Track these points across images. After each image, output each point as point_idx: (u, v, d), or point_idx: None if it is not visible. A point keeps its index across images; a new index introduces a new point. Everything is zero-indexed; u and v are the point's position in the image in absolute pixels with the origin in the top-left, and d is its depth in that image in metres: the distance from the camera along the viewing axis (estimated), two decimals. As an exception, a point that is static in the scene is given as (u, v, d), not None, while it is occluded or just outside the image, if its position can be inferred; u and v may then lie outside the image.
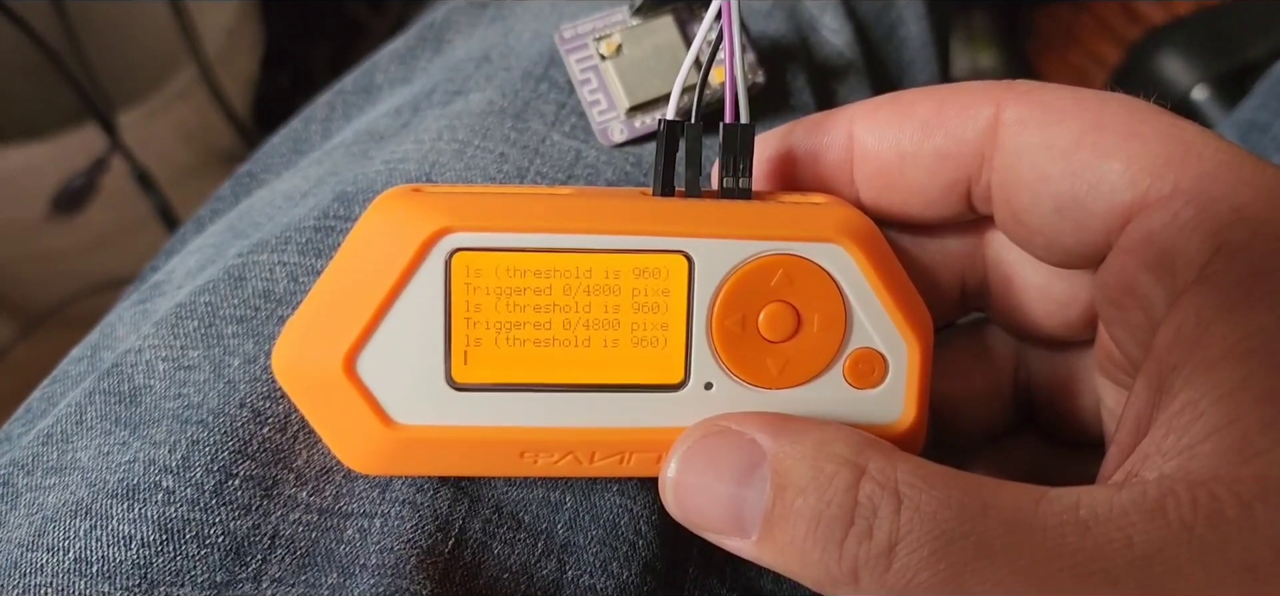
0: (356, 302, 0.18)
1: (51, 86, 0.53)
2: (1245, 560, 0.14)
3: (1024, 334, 0.23)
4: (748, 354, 0.19)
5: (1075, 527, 0.14)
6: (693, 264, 0.18)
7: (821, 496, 0.16)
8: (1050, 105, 0.18)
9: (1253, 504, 0.14)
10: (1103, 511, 0.14)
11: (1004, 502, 0.15)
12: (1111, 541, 0.14)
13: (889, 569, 0.15)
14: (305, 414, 0.19)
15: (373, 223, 0.18)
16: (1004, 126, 0.18)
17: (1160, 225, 0.17)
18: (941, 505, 0.15)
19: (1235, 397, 0.14)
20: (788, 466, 0.16)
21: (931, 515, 0.15)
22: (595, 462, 0.19)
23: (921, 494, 0.15)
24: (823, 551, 0.15)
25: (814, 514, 0.16)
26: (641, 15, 0.25)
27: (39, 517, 0.19)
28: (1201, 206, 0.16)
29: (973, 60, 0.76)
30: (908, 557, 0.15)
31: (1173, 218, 0.16)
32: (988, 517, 0.15)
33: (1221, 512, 0.14)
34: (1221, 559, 0.14)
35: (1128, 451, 0.16)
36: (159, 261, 0.28)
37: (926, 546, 0.15)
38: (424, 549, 0.19)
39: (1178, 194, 0.16)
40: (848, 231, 0.19)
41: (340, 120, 0.28)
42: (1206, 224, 0.16)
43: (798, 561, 0.16)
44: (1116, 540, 0.14)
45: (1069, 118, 0.18)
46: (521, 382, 0.18)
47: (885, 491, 0.15)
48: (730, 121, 0.19)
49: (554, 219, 0.18)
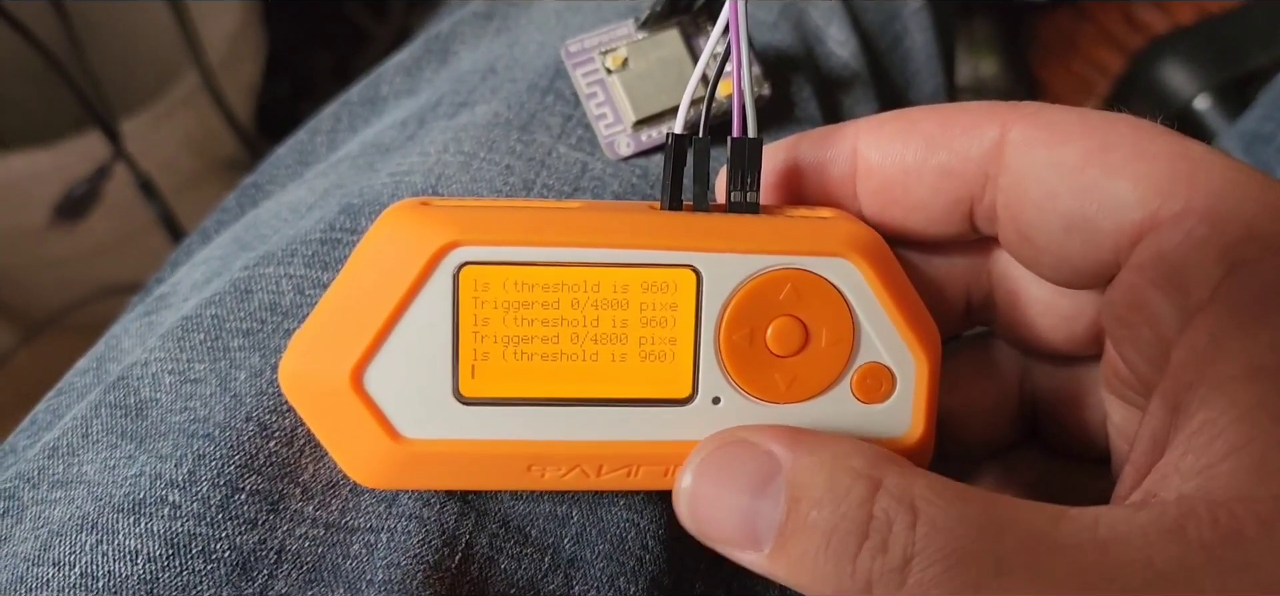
0: (364, 316, 0.18)
1: (54, 93, 0.53)
2: (1266, 579, 0.14)
3: (1029, 348, 0.23)
4: (756, 368, 0.19)
5: (1094, 547, 0.14)
6: (701, 278, 0.18)
7: (836, 509, 0.16)
8: (1056, 125, 0.18)
9: (1273, 523, 0.14)
10: (1122, 531, 0.14)
11: (1022, 520, 0.15)
12: (1131, 562, 0.14)
13: (903, 585, 0.15)
14: (311, 427, 0.19)
15: (380, 236, 0.18)
16: (1010, 146, 0.18)
17: (1172, 244, 0.16)
18: (958, 521, 0.15)
19: (1253, 417, 0.14)
20: (803, 479, 0.16)
21: (948, 531, 0.15)
22: (603, 476, 0.19)
23: (938, 510, 0.15)
24: (836, 566, 0.15)
25: (828, 527, 0.16)
26: (647, 29, 0.25)
27: (45, 531, 0.19)
28: (1214, 224, 0.16)
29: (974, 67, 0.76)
30: (923, 573, 0.15)
31: (1186, 236, 0.16)
32: (1006, 535, 0.15)
33: (1241, 532, 0.14)
34: (1241, 579, 0.14)
35: (1144, 471, 0.16)
36: (164, 273, 0.28)
37: (942, 562, 0.15)
38: (430, 564, 0.19)
39: (1189, 212, 0.16)
40: (856, 246, 0.19)
41: (346, 132, 0.28)
42: (1219, 242, 0.16)
43: (810, 575, 0.16)
44: (1136, 560, 0.14)
45: (1076, 137, 0.18)
46: (529, 396, 0.18)
47: (901, 506, 0.15)
48: (738, 136, 0.19)
49: (562, 232, 0.18)
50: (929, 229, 0.20)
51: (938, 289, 0.22)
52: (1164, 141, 0.17)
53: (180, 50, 0.58)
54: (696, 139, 0.19)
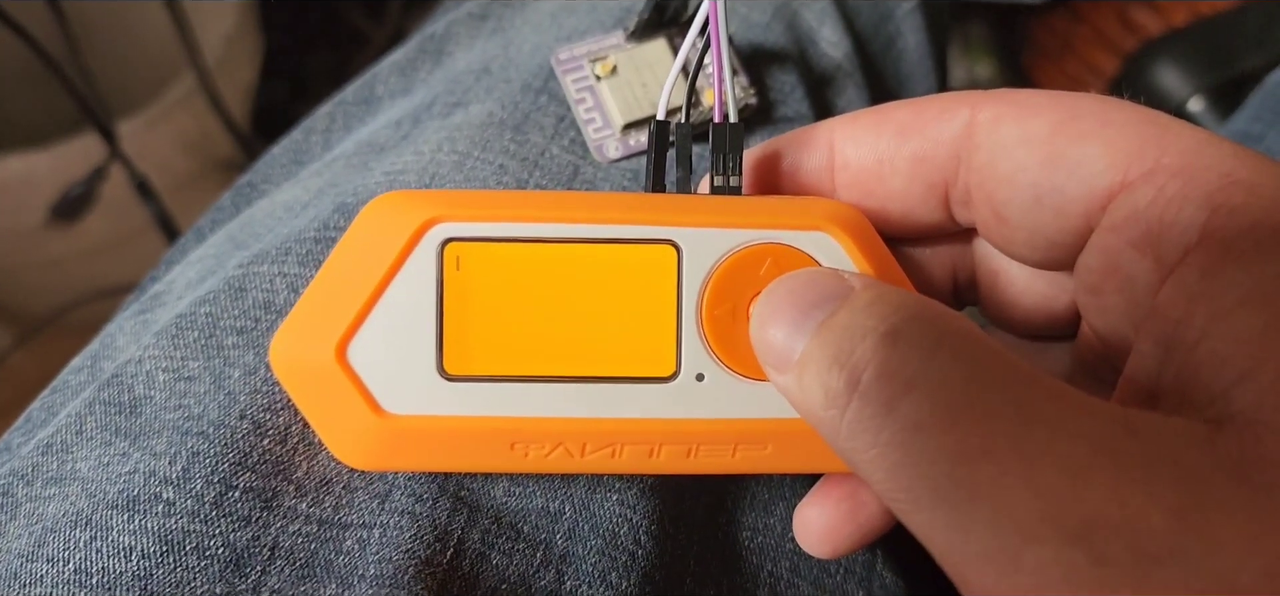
0: (350, 292, 0.18)
1: (51, 95, 0.53)
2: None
3: (1012, 329, 0.23)
4: (739, 344, 0.19)
5: (1124, 429, 0.14)
6: (681, 253, 0.18)
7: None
8: (1023, 102, 0.18)
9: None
10: (1153, 427, 0.14)
11: (1050, 381, 0.15)
12: (1160, 456, 0.14)
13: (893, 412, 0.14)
14: (299, 405, 0.19)
15: (367, 217, 0.19)
16: (979, 126, 0.19)
17: (1146, 201, 0.17)
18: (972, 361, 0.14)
19: (1261, 341, 0.14)
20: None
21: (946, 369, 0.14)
22: (587, 456, 0.19)
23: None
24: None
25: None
26: (636, 39, 0.25)
27: (39, 528, 0.19)
28: (1187, 178, 0.16)
29: (969, 70, 0.76)
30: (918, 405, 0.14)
31: (1158, 192, 0.16)
32: (1034, 385, 0.14)
33: (1265, 455, 0.13)
34: (1269, 501, 0.13)
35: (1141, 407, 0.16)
36: (159, 271, 0.28)
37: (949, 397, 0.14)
38: (423, 559, 0.19)
39: (1160, 170, 0.17)
40: (835, 219, 0.19)
41: (340, 131, 0.28)
42: (1197, 192, 0.16)
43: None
44: (1164, 456, 0.14)
45: (1043, 111, 0.18)
46: (512, 373, 0.18)
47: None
48: (719, 121, 0.19)
49: (544, 209, 0.18)
50: (907, 217, 0.20)
51: (925, 270, 0.22)
52: (1130, 110, 0.17)
53: (177, 52, 0.59)
54: (678, 124, 0.19)
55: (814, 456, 0.19)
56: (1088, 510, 0.13)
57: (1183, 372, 0.15)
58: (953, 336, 0.15)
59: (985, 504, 0.14)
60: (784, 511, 0.24)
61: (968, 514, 0.14)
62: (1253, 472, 0.13)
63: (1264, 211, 0.15)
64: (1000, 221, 0.19)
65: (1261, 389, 0.14)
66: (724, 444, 0.19)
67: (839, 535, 0.20)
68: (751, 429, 0.19)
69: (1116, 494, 0.13)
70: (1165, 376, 0.15)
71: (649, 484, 0.22)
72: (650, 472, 0.19)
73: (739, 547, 0.24)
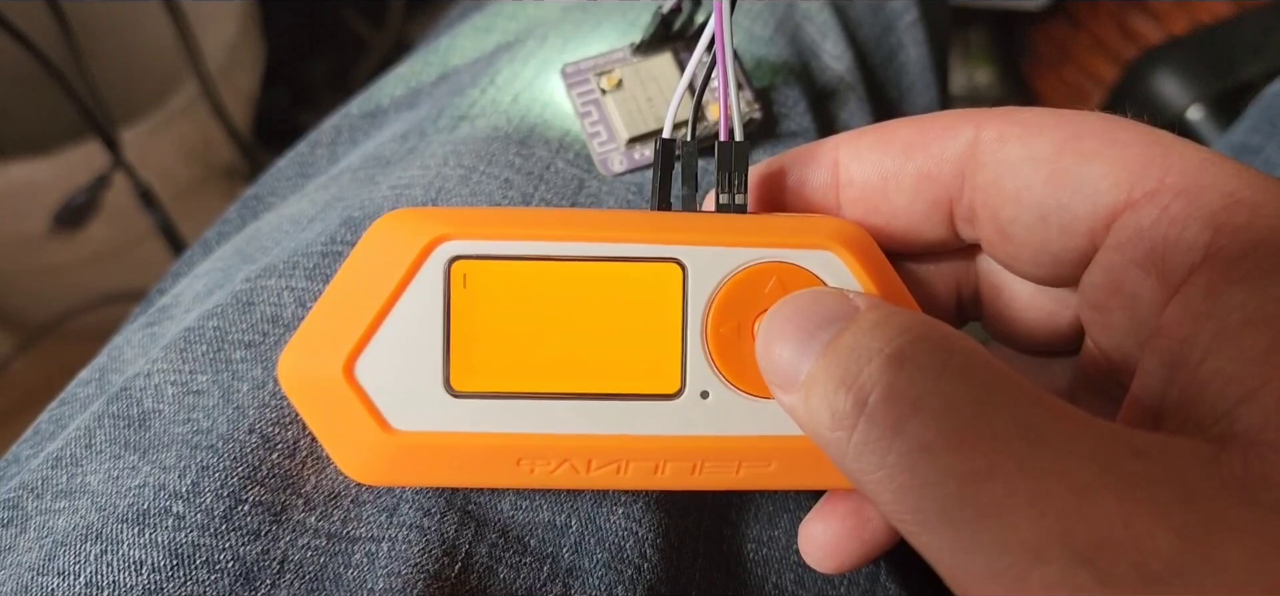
0: (357, 309, 0.18)
1: (54, 102, 0.53)
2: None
3: (1016, 344, 0.23)
4: (744, 362, 0.19)
5: (1129, 450, 0.14)
6: (686, 272, 0.19)
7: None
8: (1028, 121, 0.18)
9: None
10: (1158, 447, 0.14)
11: (1056, 402, 0.15)
12: (1165, 476, 0.14)
13: (900, 433, 0.14)
14: (307, 420, 0.19)
15: (375, 235, 0.19)
16: (984, 144, 0.19)
17: (1150, 220, 0.17)
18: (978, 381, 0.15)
19: (1266, 361, 0.14)
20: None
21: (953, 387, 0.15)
22: (592, 472, 0.19)
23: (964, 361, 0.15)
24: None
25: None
26: (641, 54, 0.25)
27: (49, 541, 0.19)
28: (1191, 198, 0.16)
29: (969, 76, 0.76)
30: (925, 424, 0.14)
31: (1162, 211, 0.17)
32: (1040, 405, 0.14)
33: (1270, 475, 0.14)
34: (1275, 515, 0.13)
35: (1146, 426, 0.16)
36: (166, 284, 0.28)
37: (956, 415, 0.14)
38: (431, 573, 0.19)
39: (1164, 189, 0.17)
40: (841, 238, 0.19)
41: (346, 145, 0.29)
42: (1201, 212, 0.16)
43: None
44: (1169, 476, 0.14)
45: (1048, 130, 0.18)
46: (519, 390, 0.19)
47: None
48: (725, 139, 0.19)
49: (550, 227, 0.18)
50: (911, 234, 0.20)
51: (928, 286, 0.22)
52: (1135, 130, 0.18)
53: (179, 59, 0.59)
54: (685, 142, 0.19)
55: (819, 473, 0.19)
56: (1094, 530, 0.13)
57: (1187, 391, 0.15)
58: (958, 357, 0.15)
59: (992, 524, 0.14)
60: (789, 524, 0.24)
61: (974, 534, 0.14)
62: (1257, 492, 0.14)
63: (1268, 231, 0.15)
64: (1005, 238, 0.19)
65: (1266, 408, 0.14)
66: (728, 461, 0.19)
67: (843, 550, 0.20)
68: (756, 446, 0.19)
69: (1122, 514, 0.13)
70: (1170, 395, 0.16)
71: (654, 497, 0.22)
72: (655, 488, 0.19)
73: (744, 560, 0.24)
